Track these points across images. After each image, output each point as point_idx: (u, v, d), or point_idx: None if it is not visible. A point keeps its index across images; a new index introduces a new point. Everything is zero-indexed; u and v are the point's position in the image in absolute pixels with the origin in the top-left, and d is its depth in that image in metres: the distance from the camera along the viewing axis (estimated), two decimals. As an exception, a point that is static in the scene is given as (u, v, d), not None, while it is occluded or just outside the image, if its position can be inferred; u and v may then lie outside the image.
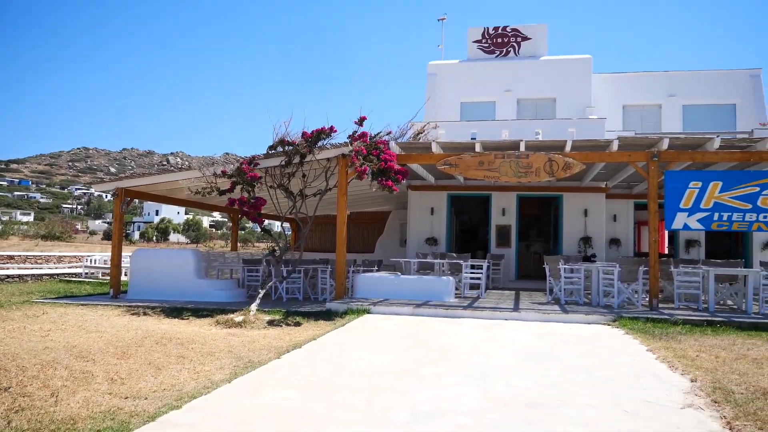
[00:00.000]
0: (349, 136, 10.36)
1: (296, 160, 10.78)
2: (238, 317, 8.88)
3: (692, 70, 20.30)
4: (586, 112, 18.59)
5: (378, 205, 21.10)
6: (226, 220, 59.25)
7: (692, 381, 5.50)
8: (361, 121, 10.28)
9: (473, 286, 12.88)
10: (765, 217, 10.19)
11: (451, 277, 11.52)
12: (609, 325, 9.14)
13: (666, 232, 19.70)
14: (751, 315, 9.70)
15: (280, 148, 10.84)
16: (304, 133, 10.64)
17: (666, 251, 20.67)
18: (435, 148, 11.34)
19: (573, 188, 16.10)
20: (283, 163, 10.88)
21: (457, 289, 12.61)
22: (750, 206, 10.21)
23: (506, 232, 16.40)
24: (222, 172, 10.76)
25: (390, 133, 11.09)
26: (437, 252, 15.20)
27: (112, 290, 12.28)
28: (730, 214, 10.27)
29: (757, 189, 10.19)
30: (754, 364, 6.27)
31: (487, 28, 20.85)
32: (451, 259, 13.12)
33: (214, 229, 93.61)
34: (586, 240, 15.96)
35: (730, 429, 4.16)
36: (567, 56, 20.32)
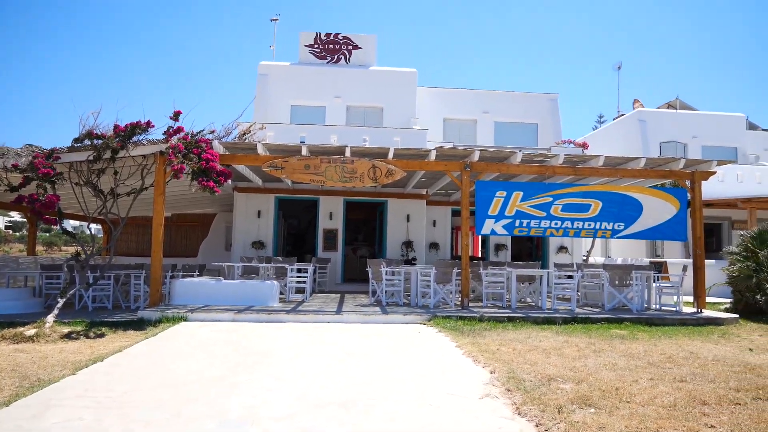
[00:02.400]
0: (164, 132, 9.71)
1: (107, 155, 9.83)
2: (29, 330, 7.83)
3: (503, 91, 22.41)
4: (411, 122, 19.59)
5: (202, 207, 20.13)
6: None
7: (491, 372, 5.99)
8: (176, 116, 9.68)
9: (299, 290, 12.82)
10: (556, 224, 11.54)
11: (275, 282, 11.34)
12: (425, 324, 9.65)
13: (479, 237, 21.49)
14: (545, 310, 10.89)
15: (87, 142, 9.80)
16: (116, 127, 9.74)
17: (479, 254, 22.54)
18: (261, 150, 11.10)
19: (397, 194, 16.84)
20: (92, 158, 9.86)
21: (282, 293, 12.47)
22: (545, 214, 11.49)
23: (333, 236, 16.62)
24: (13, 165, 9.44)
25: (214, 131, 10.61)
26: (263, 256, 14.89)
27: None
28: (528, 221, 11.46)
29: (551, 199, 11.51)
30: (543, 354, 7.03)
31: (320, 34, 21.04)
32: (276, 263, 12.94)
33: (11, 231, 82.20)
34: (408, 244, 16.77)
35: (518, 414, 4.58)
36: (395, 68, 21.25)
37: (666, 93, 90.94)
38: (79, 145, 9.88)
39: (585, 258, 18.78)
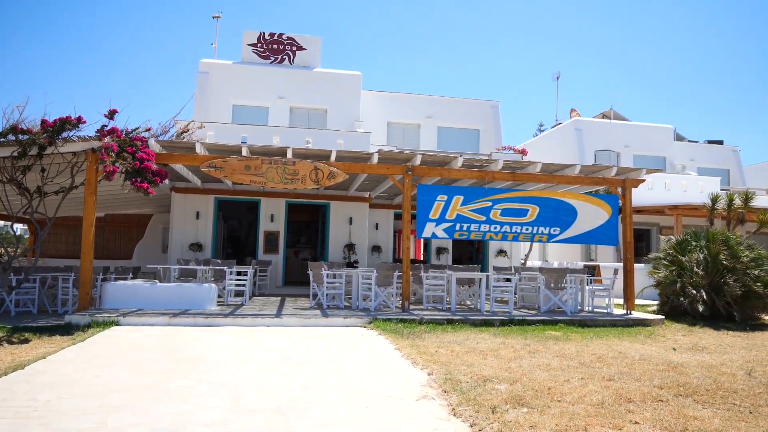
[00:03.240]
0: (98, 131, 9.32)
1: (33, 151, 9.33)
2: (-58, 336, 7.33)
3: (446, 96, 22.75)
4: (355, 125, 19.59)
5: (138, 207, 19.43)
6: (-54, 220, 49.01)
7: (429, 374, 6.04)
8: (111, 114, 9.31)
9: (238, 294, 12.57)
10: (495, 228, 11.78)
11: (213, 284, 11.07)
12: (365, 327, 9.64)
13: (422, 240, 21.69)
14: (484, 313, 11.09)
15: (11, 137, 9.28)
16: (44, 122, 9.27)
17: (421, 257, 22.75)
18: (200, 149, 10.82)
19: (340, 197, 16.78)
20: (16, 154, 9.34)
21: (221, 296, 12.19)
22: (484, 218, 11.71)
23: (274, 238, 16.39)
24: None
25: (150, 129, 10.28)
26: (201, 258, 14.51)
27: None
28: (469, 224, 11.65)
29: (490, 204, 11.74)
30: (480, 355, 7.15)
31: (263, 33, 20.76)
32: (215, 266, 12.64)
33: (-72, 232, 76.92)
34: (351, 247, 16.74)
35: (454, 414, 4.63)
36: (339, 70, 21.20)
37: (602, 103, 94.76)
38: (2, 140, 9.35)
39: (523, 261, 19.28)
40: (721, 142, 29.40)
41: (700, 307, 11.43)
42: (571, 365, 6.64)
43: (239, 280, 12.25)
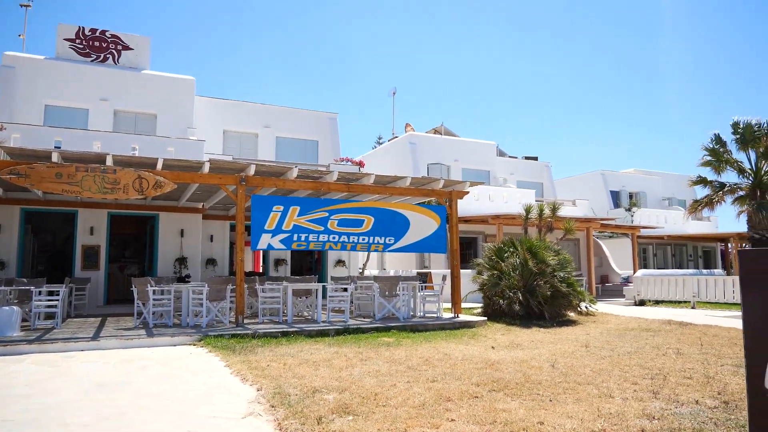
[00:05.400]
0: None
1: None
2: None
3: (285, 107, 22.60)
4: (188, 132, 18.66)
5: None
6: None
7: (258, 390, 5.87)
8: None
9: (49, 316, 11.24)
10: (333, 238, 11.90)
11: (15, 307, 9.77)
12: (195, 345, 9.15)
13: (260, 252, 21.22)
14: (320, 323, 11.11)
15: None
16: None
17: (260, 269, 22.24)
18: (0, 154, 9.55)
19: (170, 208, 15.83)
20: None
21: (27, 320, 10.81)
22: (322, 228, 11.78)
23: (95, 252, 14.95)
24: None
25: (-67, 129, 8.84)
26: (3, 278, 12.76)
27: None
28: (306, 235, 11.63)
29: (327, 214, 11.84)
30: (313, 366, 7.12)
31: (83, 28, 18.97)
32: (20, 285, 11.18)
33: None
34: (182, 260, 15.85)
35: (280, 429, 4.54)
36: (171, 74, 20.06)
37: (435, 119, 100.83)
38: None
39: (361, 271, 19.73)
40: (536, 158, 32.82)
41: (517, 308, 12.56)
42: (399, 370, 6.87)
43: (50, 300, 10.96)
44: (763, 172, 17.31)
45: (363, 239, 12.20)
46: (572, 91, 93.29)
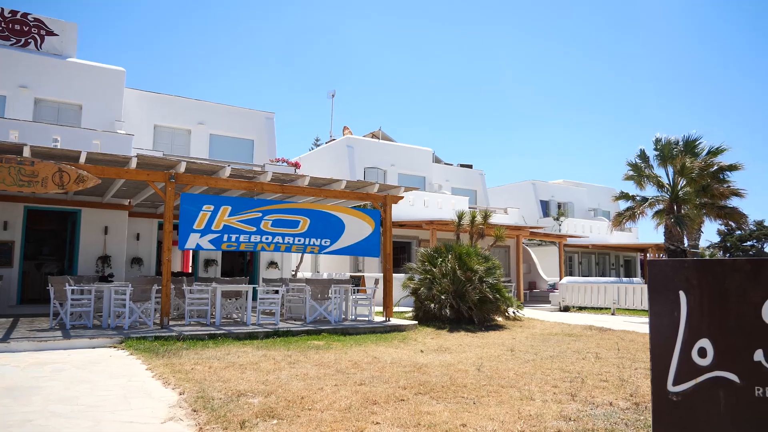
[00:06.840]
0: None
1: None
2: None
3: (220, 103, 22.03)
4: (116, 126, 17.86)
5: None
6: None
7: (180, 394, 5.69)
8: None
9: (-47, 315, 10.48)
10: (267, 239, 11.70)
11: None
12: (115, 347, 8.77)
13: (191, 252, 20.60)
14: (250, 325, 10.90)
15: None
16: None
17: (190, 270, 21.59)
18: None
19: (93, 204, 15.11)
20: None
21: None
22: (255, 229, 11.56)
23: (8, 249, 14.03)
24: None
25: None
26: None
27: None
28: (237, 235, 11.38)
29: (260, 215, 11.63)
30: (239, 370, 6.97)
31: (2, 9, 17.82)
32: None
33: None
34: (105, 259, 15.15)
35: (201, 435, 4.41)
36: (99, 64, 19.14)
37: (372, 123, 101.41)
38: None
39: (294, 273, 19.52)
40: (470, 166, 33.51)
41: (448, 312, 12.78)
42: (327, 373, 6.83)
43: (-45, 299, 10.23)
44: (679, 188, 18.43)
45: (299, 240, 12.08)
46: (508, 101, 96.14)
